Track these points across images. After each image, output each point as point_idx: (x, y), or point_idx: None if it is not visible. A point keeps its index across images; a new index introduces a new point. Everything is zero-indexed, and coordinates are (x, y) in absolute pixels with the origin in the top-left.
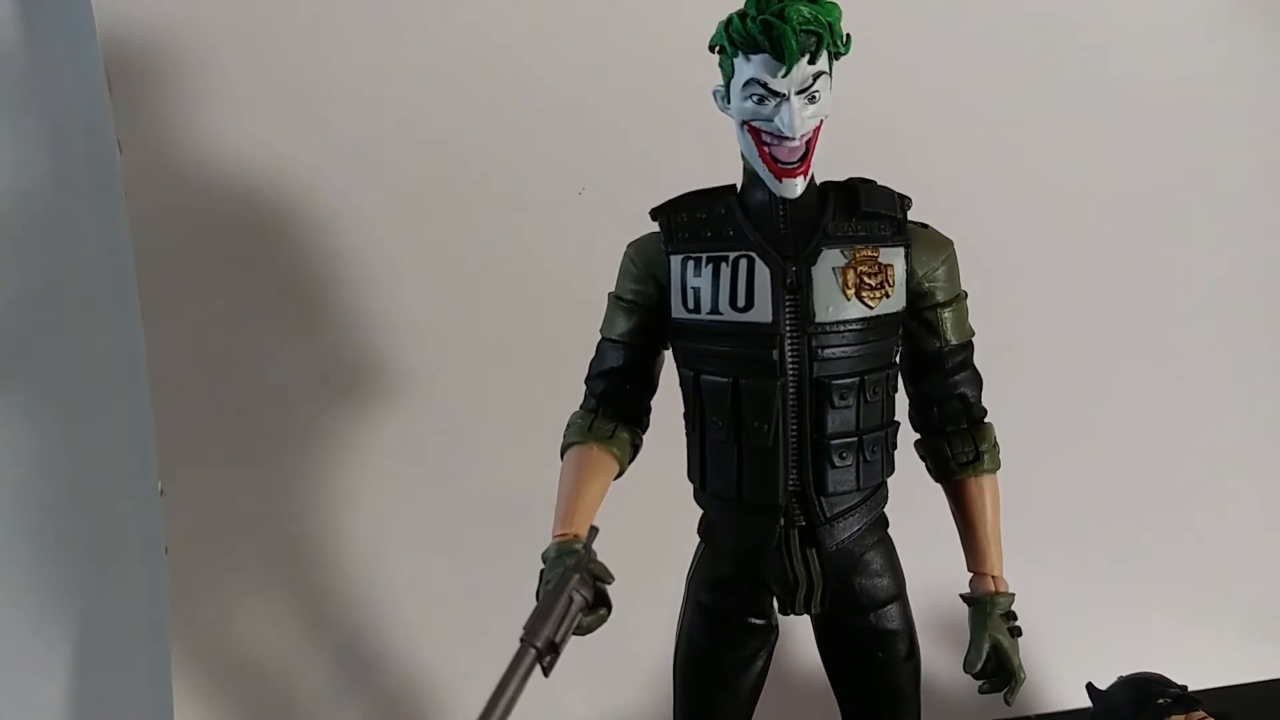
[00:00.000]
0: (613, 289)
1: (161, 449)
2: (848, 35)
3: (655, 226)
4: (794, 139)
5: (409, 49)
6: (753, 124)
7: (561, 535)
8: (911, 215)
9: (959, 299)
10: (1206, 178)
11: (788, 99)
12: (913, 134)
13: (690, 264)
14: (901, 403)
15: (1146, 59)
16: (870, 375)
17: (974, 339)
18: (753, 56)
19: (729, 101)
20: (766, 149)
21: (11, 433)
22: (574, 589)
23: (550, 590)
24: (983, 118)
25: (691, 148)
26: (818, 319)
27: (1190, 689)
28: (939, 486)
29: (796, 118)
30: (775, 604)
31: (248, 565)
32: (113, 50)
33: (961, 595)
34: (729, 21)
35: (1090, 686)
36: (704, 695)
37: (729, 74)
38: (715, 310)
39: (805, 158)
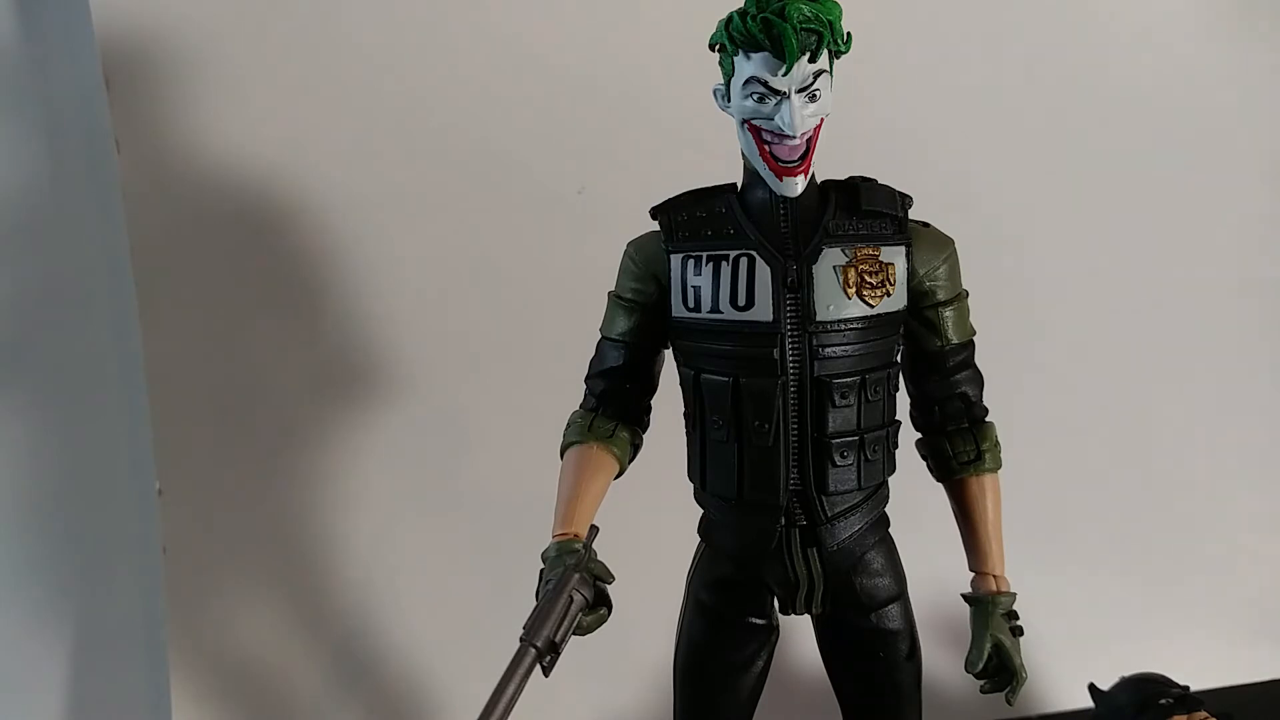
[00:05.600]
0: (613, 288)
1: (159, 449)
2: (848, 34)
3: (655, 225)
4: (794, 137)
5: (408, 49)
6: (753, 122)
7: (561, 535)
8: (913, 214)
9: (960, 298)
10: (1210, 177)
11: (788, 97)
12: (914, 133)
13: (690, 263)
14: (903, 402)
15: (1150, 58)
16: (871, 374)
17: (975, 338)
18: (753, 55)
19: (729, 100)
20: (767, 147)
21: (8, 433)
22: (574, 589)
23: (550, 590)
24: (985, 116)
25: (691, 147)
26: (819, 318)
27: (1192, 689)
28: (940, 486)
29: (797, 116)
30: (776, 604)
31: (245, 565)
32: (110, 49)
33: (963, 595)
34: (729, 20)
35: (1092, 687)
36: (704, 695)
37: (729, 72)
38: (716, 309)
39: (806, 156)
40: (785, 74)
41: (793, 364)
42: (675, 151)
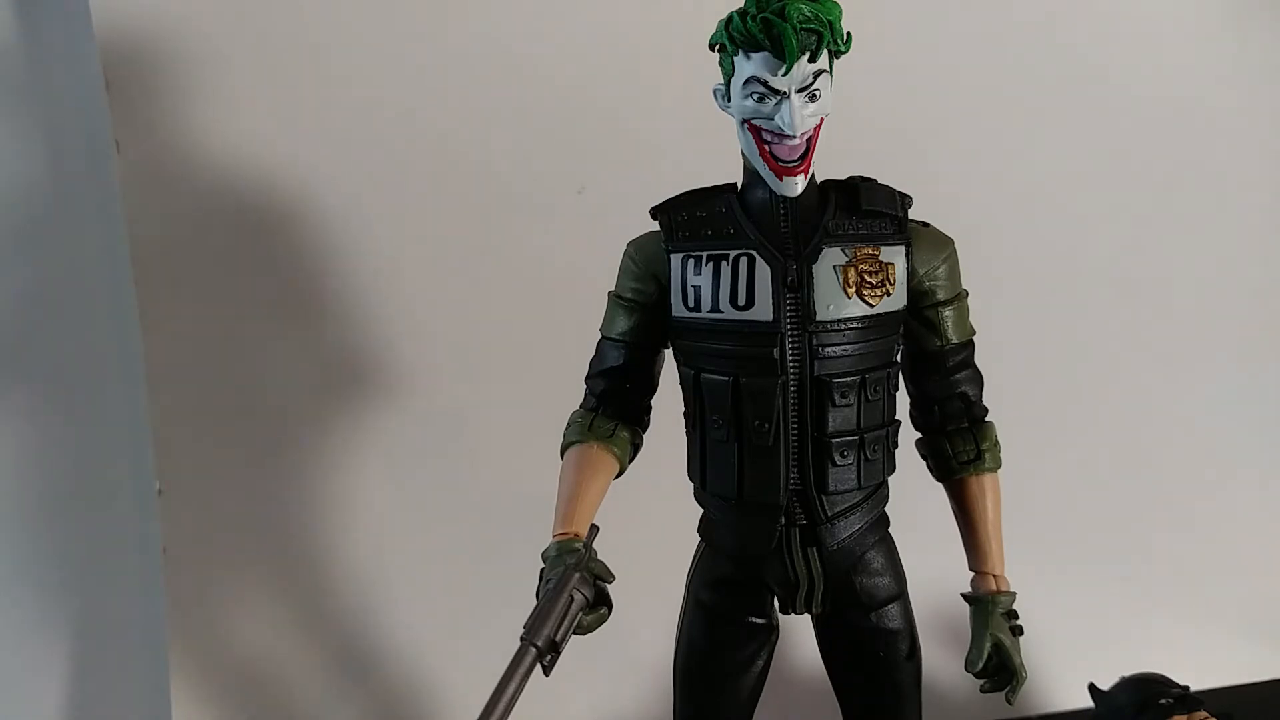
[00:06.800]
0: (613, 288)
1: (159, 449)
2: (848, 34)
3: (655, 225)
4: (794, 137)
5: (408, 49)
6: (753, 122)
7: (562, 534)
8: (913, 214)
9: (960, 298)
10: (1210, 177)
11: (788, 97)
12: (914, 132)
13: (690, 262)
14: (902, 401)
15: (1150, 58)
16: (871, 374)
17: (975, 338)
18: (753, 55)
19: (729, 100)
20: (767, 147)
21: (9, 433)
22: (575, 588)
23: (551, 589)
24: (985, 116)
25: (692, 146)
26: (819, 317)
27: (1192, 689)
28: (940, 486)
29: (797, 116)
30: (776, 603)
31: (246, 566)
32: (110, 50)
33: (963, 594)
34: (729, 20)
35: (1092, 687)
36: (704, 695)
37: (729, 72)
38: (716, 309)
39: (806, 156)
40: (785, 74)
41: (793, 363)
42: (675, 151)
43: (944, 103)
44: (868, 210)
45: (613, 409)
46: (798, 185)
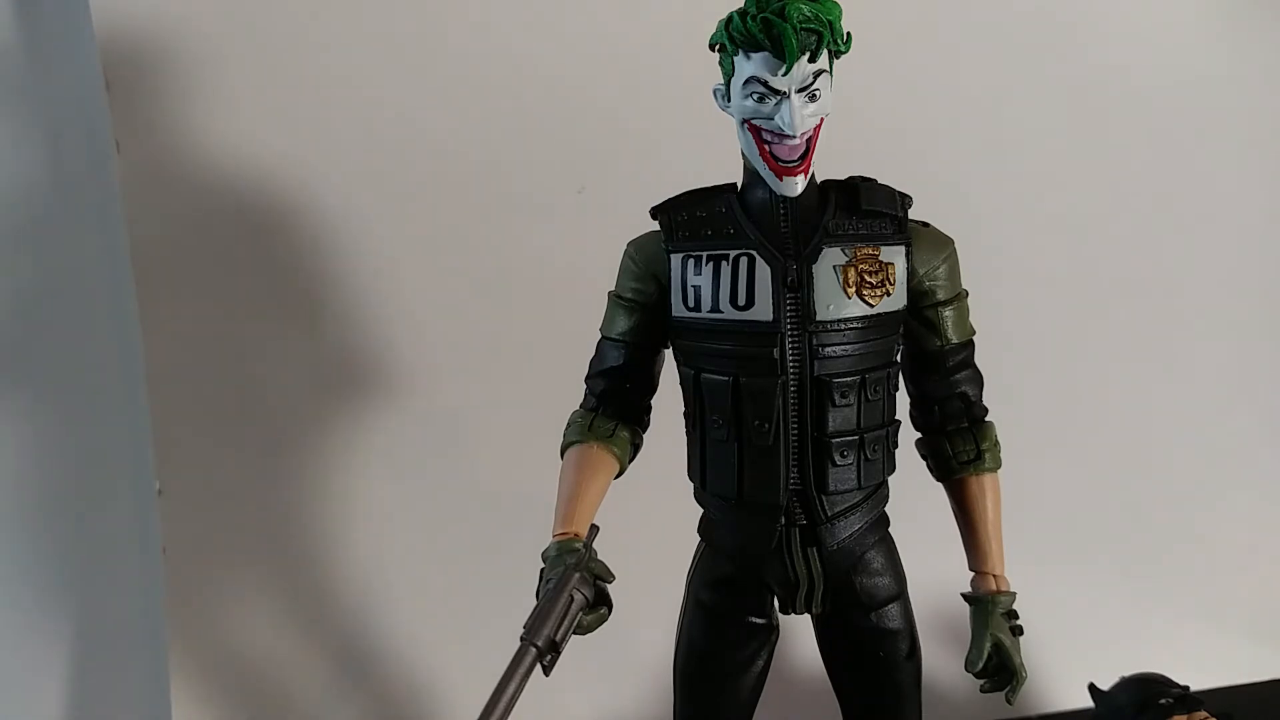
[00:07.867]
0: (613, 288)
1: (159, 449)
2: (848, 34)
3: (655, 225)
4: (794, 137)
5: (408, 49)
6: (753, 122)
7: (562, 534)
8: (913, 214)
9: (960, 298)
10: (1209, 178)
11: (788, 97)
12: (915, 133)
13: (690, 262)
14: (902, 401)
15: (1150, 59)
16: (871, 374)
17: (975, 338)
18: (753, 55)
19: (729, 100)
20: (767, 147)
21: (9, 432)
22: (575, 588)
23: (551, 589)
24: (985, 116)
25: (692, 146)
26: (819, 317)
27: (1192, 689)
28: (940, 485)
29: (797, 116)
30: (776, 603)
31: (246, 565)
32: (110, 49)
33: (963, 594)
34: (729, 20)
35: (1092, 687)
36: (704, 695)
37: (729, 72)
38: (716, 309)
39: (806, 156)
40: (785, 74)
41: (793, 363)
42: (675, 151)
43: (944, 103)
44: (868, 210)
45: (613, 409)
46: (798, 185)
